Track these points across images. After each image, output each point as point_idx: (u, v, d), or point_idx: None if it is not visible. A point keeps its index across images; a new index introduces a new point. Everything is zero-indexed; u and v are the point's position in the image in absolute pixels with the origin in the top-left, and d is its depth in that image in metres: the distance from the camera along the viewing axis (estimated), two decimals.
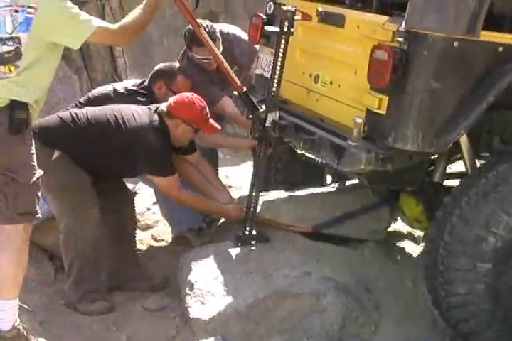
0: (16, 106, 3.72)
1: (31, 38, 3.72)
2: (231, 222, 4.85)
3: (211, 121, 4.63)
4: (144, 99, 4.98)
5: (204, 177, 4.87)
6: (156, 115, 4.52)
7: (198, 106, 4.51)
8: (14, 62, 3.71)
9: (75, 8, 3.83)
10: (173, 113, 4.50)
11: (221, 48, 5.10)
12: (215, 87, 5.31)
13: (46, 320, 4.32)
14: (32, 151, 3.83)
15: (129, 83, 5.27)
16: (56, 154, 4.39)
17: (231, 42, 5.39)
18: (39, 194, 3.88)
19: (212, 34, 4.96)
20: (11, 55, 3.71)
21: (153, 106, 4.63)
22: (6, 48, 3.71)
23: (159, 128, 4.47)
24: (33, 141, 3.85)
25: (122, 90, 5.09)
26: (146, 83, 5.15)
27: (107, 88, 5.14)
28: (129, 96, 5.01)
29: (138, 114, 4.52)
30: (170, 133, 4.51)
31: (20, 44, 3.71)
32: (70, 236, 4.49)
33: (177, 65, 5.22)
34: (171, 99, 4.57)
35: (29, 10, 3.72)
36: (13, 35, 3.71)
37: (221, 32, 5.29)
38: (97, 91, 5.14)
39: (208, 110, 4.57)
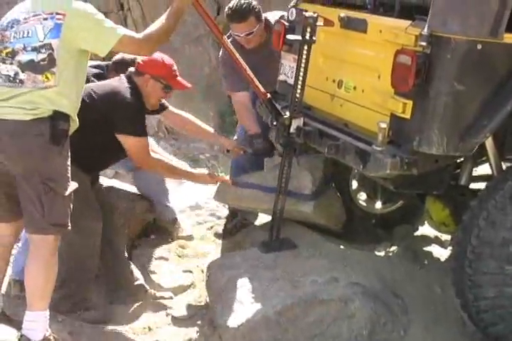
0: (59, 117, 3.74)
1: (62, 43, 3.74)
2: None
3: (180, 78, 4.64)
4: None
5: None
6: (125, 78, 4.54)
7: (165, 62, 4.55)
8: (50, 69, 3.73)
9: (102, 15, 3.86)
10: (141, 70, 4.53)
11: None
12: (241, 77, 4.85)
13: (75, 330, 4.31)
14: (68, 163, 3.84)
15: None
16: None
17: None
18: (71, 207, 3.88)
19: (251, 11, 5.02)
20: (45, 62, 3.73)
21: (121, 75, 4.63)
22: (40, 56, 3.73)
23: (130, 87, 4.45)
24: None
25: None
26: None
27: None
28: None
29: (106, 81, 4.56)
30: (141, 91, 4.50)
31: (52, 50, 3.73)
32: (67, 251, 4.29)
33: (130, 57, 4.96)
34: (139, 59, 4.58)
35: (58, 16, 3.76)
36: (45, 41, 3.73)
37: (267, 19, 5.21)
38: None
39: (176, 68, 4.60)
